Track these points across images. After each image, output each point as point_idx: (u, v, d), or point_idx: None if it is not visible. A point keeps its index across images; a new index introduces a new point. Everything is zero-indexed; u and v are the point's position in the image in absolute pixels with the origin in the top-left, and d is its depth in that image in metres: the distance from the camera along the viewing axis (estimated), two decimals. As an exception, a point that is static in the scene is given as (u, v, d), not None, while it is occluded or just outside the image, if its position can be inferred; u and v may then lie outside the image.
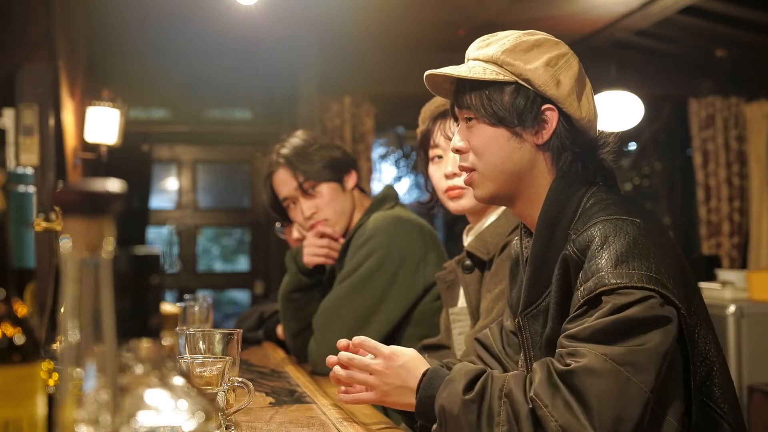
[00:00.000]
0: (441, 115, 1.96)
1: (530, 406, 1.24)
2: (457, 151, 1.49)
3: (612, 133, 1.48)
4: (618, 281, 1.23)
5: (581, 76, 1.45)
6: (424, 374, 1.41)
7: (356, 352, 1.49)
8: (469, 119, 1.46)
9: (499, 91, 1.42)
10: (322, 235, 2.33)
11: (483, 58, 1.44)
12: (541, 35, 1.45)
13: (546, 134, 1.42)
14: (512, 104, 1.41)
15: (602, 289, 1.24)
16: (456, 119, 1.53)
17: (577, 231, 1.34)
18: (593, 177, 1.44)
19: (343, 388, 1.51)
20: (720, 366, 1.37)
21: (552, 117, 1.42)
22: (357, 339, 1.50)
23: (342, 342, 1.54)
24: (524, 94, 1.41)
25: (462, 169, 1.50)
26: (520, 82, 1.41)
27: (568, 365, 1.23)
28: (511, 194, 1.46)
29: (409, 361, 1.44)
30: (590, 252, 1.29)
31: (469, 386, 1.32)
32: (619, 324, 1.22)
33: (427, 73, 1.48)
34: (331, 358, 1.54)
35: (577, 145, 1.43)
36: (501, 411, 1.27)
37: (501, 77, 1.41)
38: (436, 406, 1.35)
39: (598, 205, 1.37)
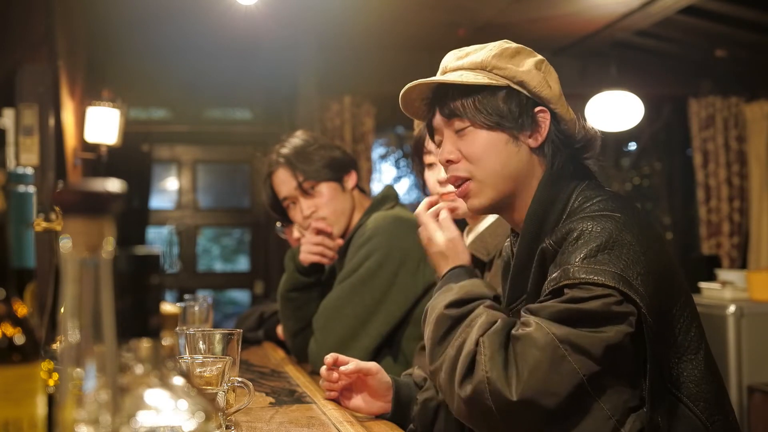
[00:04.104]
0: None
1: (475, 347, 1.29)
2: (449, 162, 1.45)
3: (596, 133, 1.48)
4: (581, 276, 1.25)
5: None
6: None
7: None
8: (460, 129, 1.43)
9: (491, 96, 1.41)
10: (318, 232, 2.33)
11: (469, 66, 1.43)
12: (518, 45, 1.46)
13: (540, 137, 1.42)
14: (507, 108, 1.40)
15: (566, 282, 1.27)
16: (432, 136, 1.51)
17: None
18: (581, 175, 1.44)
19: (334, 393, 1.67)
20: (703, 362, 1.35)
21: (545, 119, 1.42)
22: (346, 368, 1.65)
23: (329, 358, 1.65)
24: (516, 97, 1.41)
25: (457, 179, 1.45)
26: (513, 85, 1.41)
27: (517, 330, 1.28)
28: (507, 200, 1.44)
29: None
30: (565, 244, 1.31)
31: (458, 304, 1.39)
32: (572, 311, 1.25)
33: (414, 83, 1.44)
34: (323, 371, 1.68)
35: (568, 146, 1.43)
36: (459, 336, 1.35)
37: (494, 81, 1.41)
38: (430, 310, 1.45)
39: (586, 203, 1.37)
